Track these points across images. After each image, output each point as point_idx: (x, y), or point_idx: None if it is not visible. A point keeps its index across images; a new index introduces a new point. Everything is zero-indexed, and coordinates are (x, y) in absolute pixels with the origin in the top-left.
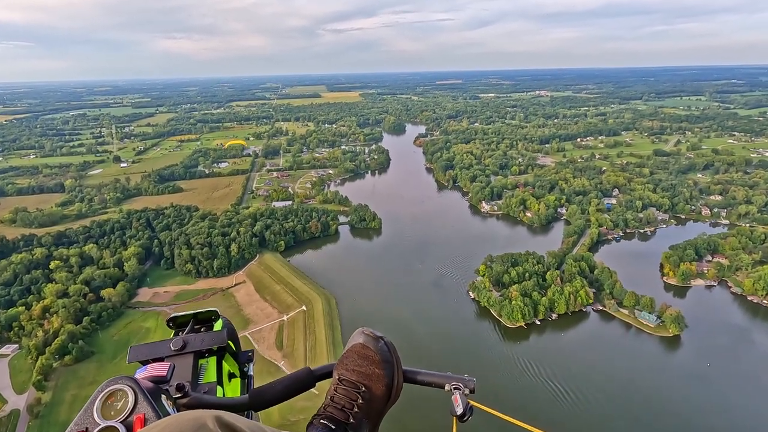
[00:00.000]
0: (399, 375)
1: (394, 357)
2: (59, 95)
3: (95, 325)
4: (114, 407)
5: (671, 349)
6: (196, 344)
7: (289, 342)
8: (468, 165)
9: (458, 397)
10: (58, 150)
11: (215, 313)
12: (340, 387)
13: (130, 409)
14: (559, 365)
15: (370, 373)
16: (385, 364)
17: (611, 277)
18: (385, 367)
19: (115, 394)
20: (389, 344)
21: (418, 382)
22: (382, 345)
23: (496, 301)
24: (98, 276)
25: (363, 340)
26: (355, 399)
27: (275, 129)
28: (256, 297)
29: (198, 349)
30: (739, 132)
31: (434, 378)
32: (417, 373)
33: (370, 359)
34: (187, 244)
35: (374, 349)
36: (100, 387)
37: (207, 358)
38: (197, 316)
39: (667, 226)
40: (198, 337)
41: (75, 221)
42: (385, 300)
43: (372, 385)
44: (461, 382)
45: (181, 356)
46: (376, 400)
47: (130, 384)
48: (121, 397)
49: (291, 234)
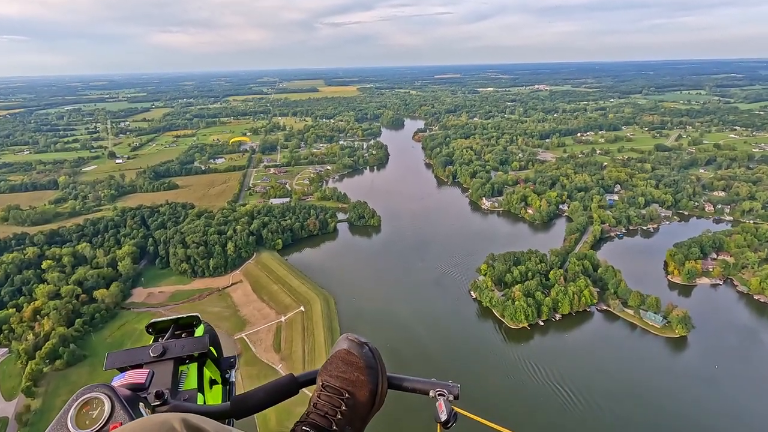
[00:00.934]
0: (383, 381)
1: (378, 363)
2: (54, 90)
3: (88, 328)
4: (89, 416)
5: (678, 350)
6: (176, 350)
7: (287, 344)
8: (468, 160)
9: (442, 404)
10: (52, 146)
11: (196, 319)
12: (324, 393)
13: (106, 418)
14: (564, 368)
15: (354, 379)
16: (369, 370)
17: (615, 276)
18: (369, 374)
19: (90, 403)
20: (374, 350)
21: (403, 389)
22: (366, 351)
23: (498, 301)
24: (91, 276)
25: (347, 345)
26: (339, 405)
27: (272, 124)
28: (254, 297)
29: (178, 356)
30: (741, 126)
31: (418, 384)
32: (401, 380)
33: (354, 365)
34: (182, 243)
35: (358, 354)
36: (75, 395)
37: (188, 364)
38: (178, 321)
39: (670, 222)
40: (178, 342)
41: (68, 219)
42: (385, 300)
43: (356, 392)
44: (445, 388)
45: (160, 363)
46: (359, 406)
47: (106, 392)
48: (97, 405)
49: (289, 232)
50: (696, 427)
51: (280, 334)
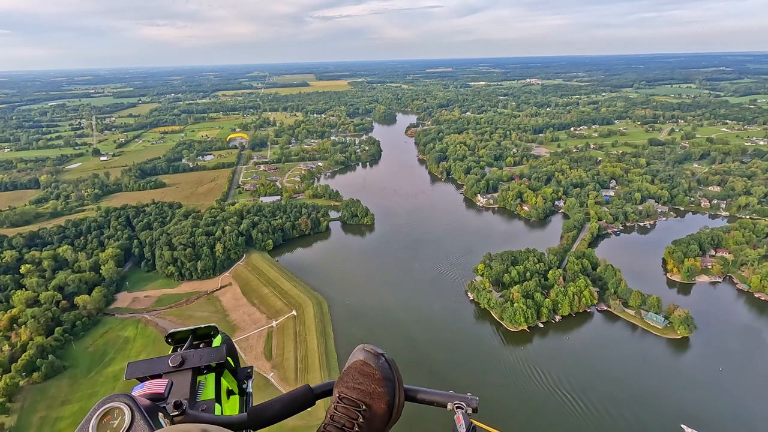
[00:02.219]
0: (400, 393)
1: (395, 374)
2: (38, 85)
3: (68, 336)
4: (110, 425)
5: (680, 351)
6: (194, 360)
7: (278, 351)
8: (462, 156)
9: (461, 417)
10: (35, 143)
11: (214, 329)
12: (340, 405)
13: (126, 428)
14: (565, 371)
15: (371, 390)
16: (386, 381)
17: (615, 276)
18: (386, 385)
19: (111, 412)
20: (390, 361)
21: (420, 401)
22: (383, 362)
23: (496, 302)
24: (73, 281)
25: (363, 356)
26: (356, 418)
27: (262, 119)
28: (243, 301)
29: (196, 366)
30: (732, 120)
31: (436, 397)
32: (418, 392)
33: (370, 377)
34: (169, 245)
35: (375, 366)
36: (96, 405)
37: (205, 374)
38: (196, 332)
39: (667, 218)
40: (197, 353)
41: (50, 220)
42: (380, 302)
43: (373, 404)
44: (464, 401)
45: (179, 373)
46: (376, 419)
47: (126, 402)
48: (118, 415)
49: (279, 232)
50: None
51: (271, 341)
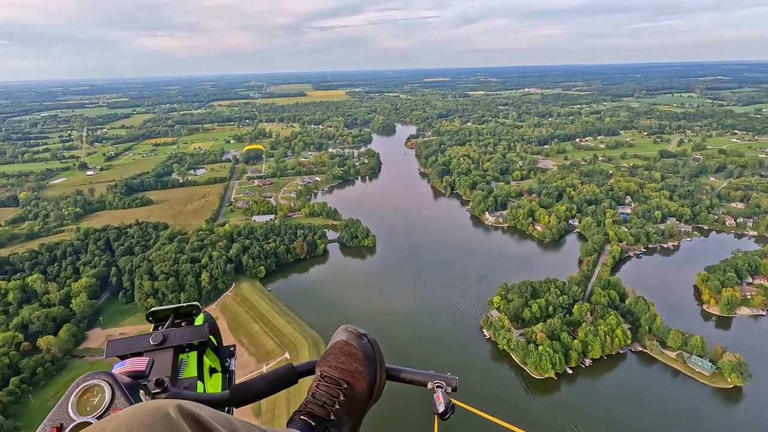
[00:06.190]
0: (382, 372)
1: (377, 354)
2: (32, 95)
3: (26, 387)
4: (90, 403)
5: (733, 404)
6: (176, 339)
7: (268, 405)
8: (466, 170)
9: (440, 395)
10: (20, 156)
11: (196, 308)
12: (322, 384)
13: (107, 405)
14: (600, 426)
15: (353, 369)
16: (368, 361)
17: (649, 310)
18: (368, 364)
19: (91, 390)
20: (372, 341)
21: (401, 380)
22: (365, 342)
23: (517, 344)
24: (38, 318)
25: (346, 336)
26: (337, 396)
27: (258, 130)
28: (231, 340)
29: (178, 344)
30: (741, 130)
31: (417, 376)
32: (400, 371)
33: (352, 356)
34: (149, 273)
35: (357, 345)
36: (76, 382)
37: (188, 353)
38: (178, 310)
39: (691, 239)
40: (178, 331)
41: (24, 243)
42: (385, 340)
43: (354, 382)
44: (444, 380)
45: (160, 351)
46: (358, 397)
47: (106, 379)
48: (98, 392)
49: (273, 257)
50: None
51: None
